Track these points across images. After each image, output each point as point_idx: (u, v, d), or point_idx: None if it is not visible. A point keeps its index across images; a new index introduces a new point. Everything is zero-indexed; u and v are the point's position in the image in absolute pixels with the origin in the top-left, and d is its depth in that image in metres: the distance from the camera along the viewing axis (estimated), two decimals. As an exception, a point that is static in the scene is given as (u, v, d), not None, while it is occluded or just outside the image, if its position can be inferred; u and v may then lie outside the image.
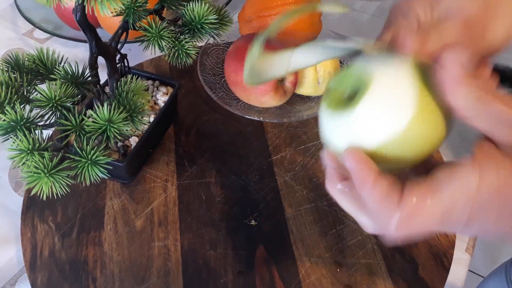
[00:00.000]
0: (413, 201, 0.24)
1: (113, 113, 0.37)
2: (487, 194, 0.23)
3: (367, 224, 0.27)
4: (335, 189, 0.28)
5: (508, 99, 0.23)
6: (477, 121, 0.24)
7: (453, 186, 0.23)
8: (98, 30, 0.68)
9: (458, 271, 0.48)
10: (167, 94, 0.54)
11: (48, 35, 0.71)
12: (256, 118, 0.55)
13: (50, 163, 0.35)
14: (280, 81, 0.54)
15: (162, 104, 0.53)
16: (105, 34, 0.58)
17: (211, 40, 0.62)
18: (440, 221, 0.24)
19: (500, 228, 0.24)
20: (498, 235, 0.24)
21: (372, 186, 0.24)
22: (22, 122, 0.36)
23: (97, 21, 0.66)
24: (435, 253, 0.47)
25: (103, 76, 0.45)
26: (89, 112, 0.38)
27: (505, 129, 0.23)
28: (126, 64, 0.48)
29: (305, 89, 0.57)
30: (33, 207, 0.49)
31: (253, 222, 0.48)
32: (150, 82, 0.55)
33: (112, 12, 0.40)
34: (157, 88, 0.55)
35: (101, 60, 0.44)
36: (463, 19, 0.27)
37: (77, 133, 0.38)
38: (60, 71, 0.39)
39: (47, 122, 0.38)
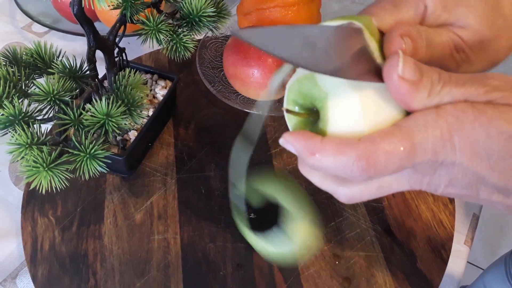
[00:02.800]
0: (372, 138, 0.23)
1: (111, 107, 0.37)
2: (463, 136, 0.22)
3: (338, 190, 0.27)
4: (305, 169, 0.28)
5: (459, 78, 0.23)
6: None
7: (416, 127, 0.23)
8: (97, 24, 0.68)
9: (456, 263, 0.48)
10: (165, 87, 0.54)
11: (47, 29, 0.71)
12: (255, 112, 0.55)
13: (49, 157, 0.35)
14: (279, 74, 0.53)
15: (161, 98, 0.53)
16: (104, 28, 0.58)
17: (210, 33, 0.62)
18: (407, 159, 0.23)
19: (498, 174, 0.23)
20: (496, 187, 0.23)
21: (321, 145, 0.23)
22: (20, 117, 0.36)
23: (95, 14, 0.66)
24: (434, 245, 0.47)
25: (102, 70, 0.45)
26: (88, 106, 0.38)
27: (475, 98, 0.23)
28: (124, 57, 0.48)
29: (304, 82, 0.57)
30: (33, 201, 0.49)
31: (252, 215, 0.48)
32: (148, 76, 0.55)
33: (109, 6, 0.40)
34: (156, 81, 0.55)
35: (100, 54, 0.44)
36: (457, 41, 0.27)
37: (76, 127, 0.38)
38: (58, 65, 0.39)
39: (46, 117, 0.38)
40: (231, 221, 0.48)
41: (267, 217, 0.48)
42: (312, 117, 0.26)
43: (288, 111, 0.26)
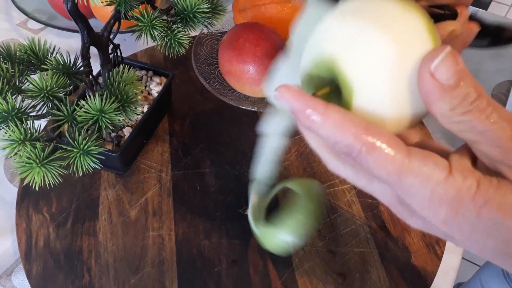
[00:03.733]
0: (377, 134, 0.21)
1: (105, 103, 0.37)
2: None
3: (330, 161, 0.25)
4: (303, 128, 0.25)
5: (496, 113, 0.20)
6: (459, 134, 0.21)
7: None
8: (92, 21, 0.67)
9: (451, 260, 0.48)
10: (160, 84, 0.54)
11: (42, 25, 0.70)
12: (250, 108, 0.55)
13: (42, 153, 0.35)
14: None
15: (155, 95, 0.53)
16: (99, 24, 0.58)
17: (205, 30, 0.62)
18: (390, 180, 0.21)
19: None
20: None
21: (326, 111, 0.21)
22: (13, 113, 0.36)
23: (90, 11, 0.66)
24: (428, 241, 0.47)
25: (97, 66, 0.45)
26: (81, 102, 0.38)
27: (488, 149, 0.21)
28: (119, 54, 0.48)
29: (300, 79, 0.57)
30: (27, 197, 0.49)
31: (247, 212, 0.48)
32: (143, 72, 0.55)
33: (103, 2, 0.40)
34: (151, 78, 0.55)
35: (94, 50, 0.43)
36: None
37: (69, 123, 0.38)
38: (52, 61, 0.39)
39: (39, 113, 0.38)
40: (226, 218, 0.48)
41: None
42: (333, 91, 0.23)
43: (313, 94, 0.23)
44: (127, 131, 0.49)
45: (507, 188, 0.20)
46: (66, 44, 0.69)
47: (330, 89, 0.24)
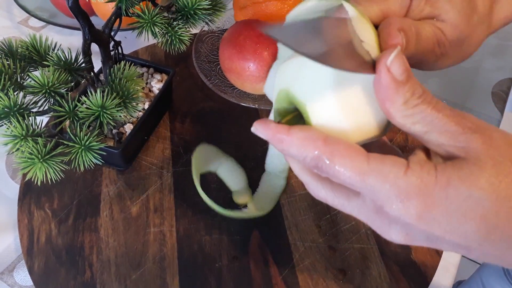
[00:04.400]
0: (336, 147, 0.24)
1: (106, 99, 0.37)
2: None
3: (310, 182, 0.27)
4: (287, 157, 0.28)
5: (439, 104, 0.23)
6: (410, 128, 0.23)
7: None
8: (93, 18, 0.68)
9: (451, 256, 0.48)
10: (161, 81, 0.54)
11: (44, 23, 0.71)
12: (251, 106, 0.55)
13: (44, 149, 0.35)
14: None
15: (156, 91, 0.54)
16: (100, 22, 0.58)
17: (206, 27, 0.62)
18: (354, 185, 0.23)
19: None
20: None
21: (288, 135, 0.24)
22: (15, 108, 0.36)
23: (91, 8, 0.66)
24: (428, 237, 0.47)
25: (99, 64, 0.46)
26: (83, 98, 0.38)
27: (439, 137, 0.23)
28: (120, 51, 0.48)
29: (300, 76, 0.57)
30: (29, 194, 0.49)
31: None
32: (144, 69, 0.55)
33: (104, -1, 0.40)
34: (152, 75, 0.55)
35: (96, 47, 0.44)
36: (440, 37, 0.28)
37: (71, 119, 0.38)
38: (53, 58, 0.39)
39: (41, 109, 0.39)
40: (227, 214, 0.48)
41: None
42: (299, 117, 0.27)
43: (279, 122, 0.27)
44: (128, 128, 0.50)
45: (461, 163, 0.22)
46: (67, 42, 0.69)
47: (294, 115, 0.27)
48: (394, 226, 0.24)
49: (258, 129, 0.26)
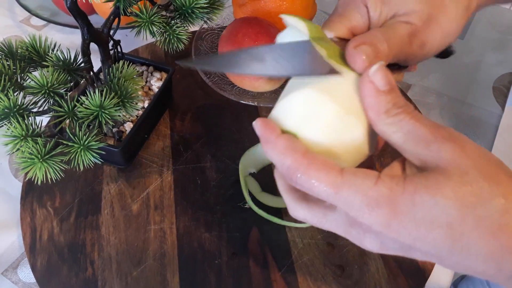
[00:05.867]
0: (312, 160, 0.25)
1: (105, 99, 0.38)
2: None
3: (287, 199, 0.29)
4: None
5: (419, 115, 0.24)
6: (391, 136, 0.25)
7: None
8: (94, 17, 0.68)
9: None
10: (161, 79, 0.55)
11: (45, 22, 0.71)
12: (250, 103, 0.55)
13: (44, 149, 0.36)
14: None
15: (156, 90, 0.54)
16: (101, 20, 0.58)
17: (205, 25, 0.62)
18: (329, 198, 0.25)
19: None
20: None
21: (275, 140, 0.26)
22: (15, 109, 0.37)
23: (92, 7, 0.66)
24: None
25: (98, 62, 0.46)
26: (82, 98, 0.39)
27: (414, 146, 0.24)
28: (119, 50, 0.48)
29: (300, 73, 0.57)
30: (31, 192, 0.50)
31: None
32: (144, 67, 0.56)
33: (101, -1, 0.40)
34: (151, 73, 0.55)
35: (96, 46, 0.44)
36: (410, 28, 0.29)
37: (70, 119, 0.38)
38: (52, 58, 0.40)
39: (41, 109, 0.39)
40: (226, 211, 0.49)
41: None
42: None
43: None
44: (128, 126, 0.50)
45: (430, 173, 0.23)
46: (69, 40, 0.69)
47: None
48: (369, 235, 0.25)
49: (257, 123, 0.27)
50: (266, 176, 0.51)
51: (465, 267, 0.23)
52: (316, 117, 0.27)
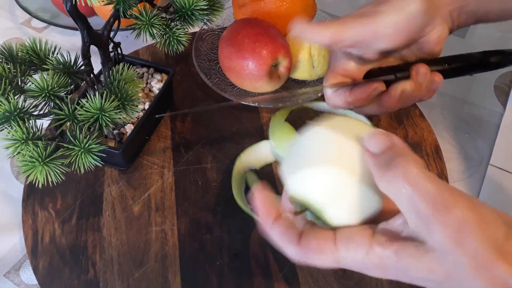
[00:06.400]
0: (309, 241, 0.28)
1: (105, 101, 0.38)
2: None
3: (287, 249, 0.30)
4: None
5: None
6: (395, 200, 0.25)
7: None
8: (94, 18, 0.68)
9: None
10: (161, 81, 0.55)
11: (46, 24, 0.71)
12: (251, 104, 0.55)
13: (45, 152, 0.36)
14: (274, 66, 0.54)
15: (157, 91, 0.54)
16: (101, 22, 0.58)
17: (205, 26, 0.62)
18: (333, 264, 0.27)
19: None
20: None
21: (272, 225, 0.29)
22: (16, 112, 0.37)
23: (92, 9, 0.66)
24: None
25: (98, 65, 0.46)
26: (82, 101, 0.39)
27: (415, 218, 0.24)
28: (119, 52, 0.49)
29: (300, 73, 0.57)
30: (33, 194, 0.50)
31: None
32: (144, 69, 0.56)
33: (102, 1, 0.40)
34: (152, 75, 0.55)
35: (96, 49, 0.44)
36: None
37: (71, 122, 0.39)
38: (53, 61, 0.40)
39: (41, 112, 0.39)
40: (227, 212, 0.49)
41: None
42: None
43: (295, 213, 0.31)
44: (129, 128, 0.50)
45: (426, 249, 0.24)
46: (70, 42, 0.69)
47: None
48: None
49: (255, 199, 0.30)
50: (267, 173, 0.52)
51: None
52: (340, 196, 0.28)
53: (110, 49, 0.46)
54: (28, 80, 0.40)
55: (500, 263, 0.21)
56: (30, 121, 0.37)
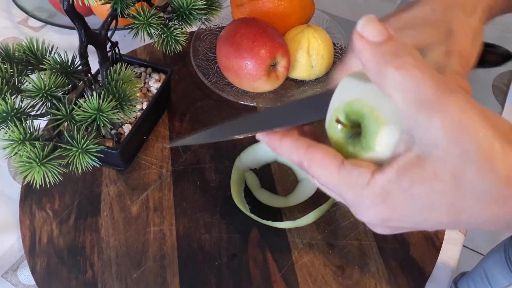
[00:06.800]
0: (322, 159, 0.26)
1: (102, 102, 0.38)
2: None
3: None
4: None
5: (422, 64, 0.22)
6: (392, 97, 0.23)
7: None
8: (92, 17, 0.68)
9: (451, 250, 0.49)
10: (159, 81, 0.55)
11: (43, 23, 0.71)
12: (249, 103, 0.55)
13: (42, 153, 0.36)
14: (273, 66, 0.54)
15: (154, 91, 0.54)
16: (99, 21, 0.58)
17: (203, 26, 0.62)
18: (331, 192, 0.27)
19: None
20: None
21: (280, 142, 0.28)
22: (13, 113, 0.37)
23: (90, 8, 0.66)
24: (426, 233, 0.47)
25: (96, 64, 0.46)
26: (79, 101, 0.39)
27: (416, 112, 0.22)
28: (117, 52, 0.48)
29: (299, 73, 0.57)
30: (31, 195, 0.50)
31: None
32: (142, 69, 0.55)
33: (99, 1, 0.40)
34: (150, 75, 0.55)
35: (93, 48, 0.44)
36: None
37: (68, 122, 0.38)
38: (50, 61, 0.40)
39: (38, 112, 0.39)
40: (226, 212, 0.49)
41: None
42: (353, 133, 0.27)
43: (338, 121, 0.27)
44: (127, 128, 0.50)
45: (425, 160, 0.22)
46: (67, 41, 0.69)
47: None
48: (375, 226, 0.26)
49: (261, 138, 0.30)
50: (266, 173, 0.52)
51: (475, 227, 0.24)
52: (393, 123, 0.24)
53: (108, 49, 0.46)
54: (25, 80, 0.40)
55: None
56: (27, 121, 0.37)
